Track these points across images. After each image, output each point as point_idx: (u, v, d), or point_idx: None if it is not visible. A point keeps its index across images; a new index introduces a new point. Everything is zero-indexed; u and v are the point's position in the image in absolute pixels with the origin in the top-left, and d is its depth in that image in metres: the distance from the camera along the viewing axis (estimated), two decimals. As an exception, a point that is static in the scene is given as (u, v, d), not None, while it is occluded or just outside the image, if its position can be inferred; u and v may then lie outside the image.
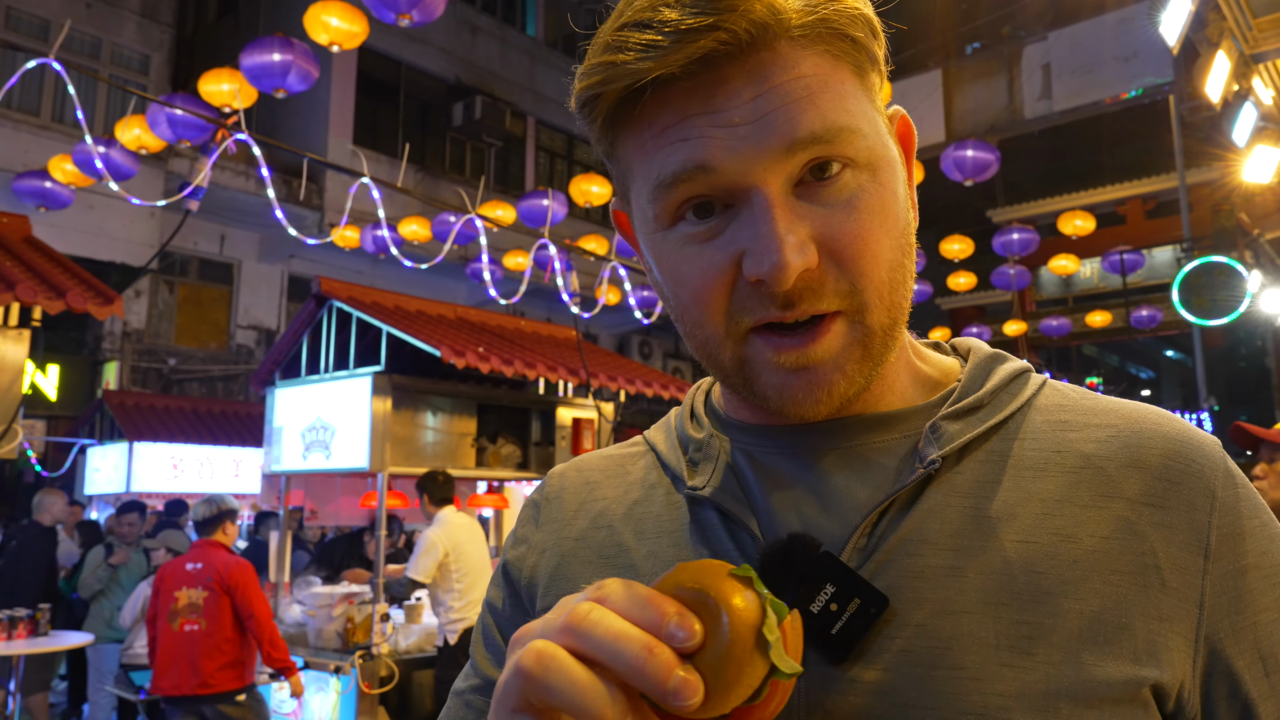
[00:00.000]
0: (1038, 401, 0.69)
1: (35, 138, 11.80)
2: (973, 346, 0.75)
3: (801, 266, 0.58)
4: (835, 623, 0.59)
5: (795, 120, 0.58)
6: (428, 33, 14.86)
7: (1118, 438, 0.65)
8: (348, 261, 13.57)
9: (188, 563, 4.96)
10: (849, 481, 0.66)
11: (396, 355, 6.18)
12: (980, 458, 0.65)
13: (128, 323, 12.86)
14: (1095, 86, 13.42)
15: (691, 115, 0.59)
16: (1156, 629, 0.58)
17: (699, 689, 0.46)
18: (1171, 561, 0.60)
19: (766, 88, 0.58)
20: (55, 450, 11.62)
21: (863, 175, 0.61)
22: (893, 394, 0.69)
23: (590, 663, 0.47)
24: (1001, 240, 12.04)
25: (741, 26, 0.57)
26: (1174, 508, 0.62)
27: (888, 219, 0.62)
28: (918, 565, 0.61)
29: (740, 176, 0.59)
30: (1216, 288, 11.17)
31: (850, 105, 0.61)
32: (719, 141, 0.59)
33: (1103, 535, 0.60)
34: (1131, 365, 33.42)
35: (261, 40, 6.05)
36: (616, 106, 0.62)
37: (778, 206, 0.59)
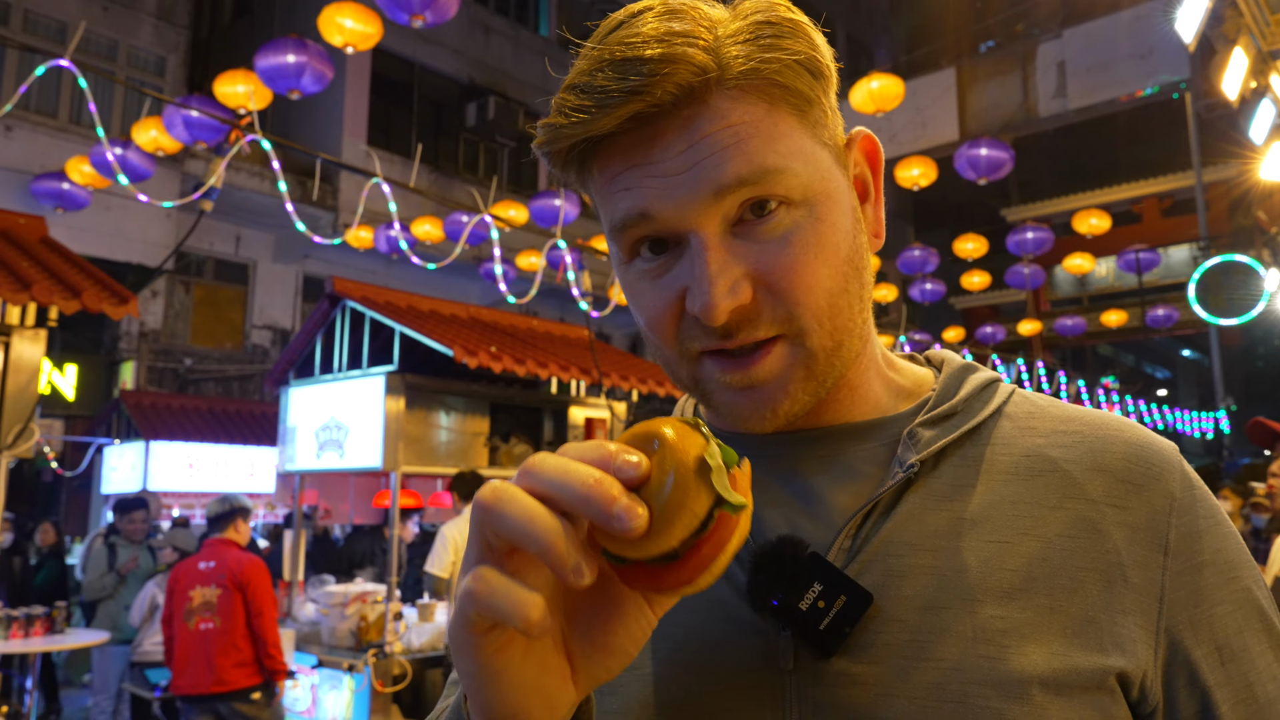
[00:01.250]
0: (1008, 409, 0.73)
1: (53, 140, 11.90)
2: (945, 358, 0.80)
3: (731, 305, 0.63)
4: (823, 619, 0.62)
5: (723, 167, 0.62)
6: (441, 34, 14.91)
7: (1083, 443, 0.69)
8: (362, 262, 13.63)
9: (200, 561, 5.00)
10: (831, 487, 0.70)
11: (409, 355, 6.20)
12: (955, 462, 0.69)
13: (144, 323, 12.96)
14: (1110, 84, 13.33)
15: (633, 165, 0.64)
16: (1120, 621, 0.63)
17: (643, 514, 0.49)
18: (1133, 559, 0.64)
19: (697, 139, 0.62)
20: (73, 450, 11.72)
21: (798, 212, 0.64)
22: (868, 404, 0.74)
23: (543, 500, 0.50)
24: (1016, 239, 11.99)
25: (666, 90, 0.61)
26: (1135, 508, 0.66)
27: (825, 250, 0.65)
28: (899, 565, 0.65)
29: (677, 222, 0.64)
30: (1234, 286, 11.09)
31: (782, 146, 0.64)
32: (656, 191, 0.63)
33: (1069, 534, 0.65)
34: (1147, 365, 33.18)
35: (276, 42, 6.09)
36: (569, 157, 0.67)
37: (711, 249, 0.63)
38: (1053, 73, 13.77)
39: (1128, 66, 13.10)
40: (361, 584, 6.44)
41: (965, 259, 12.12)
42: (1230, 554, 0.67)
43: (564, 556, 0.48)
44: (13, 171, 11.35)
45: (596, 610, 0.56)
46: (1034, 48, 14.16)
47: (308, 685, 5.99)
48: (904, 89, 7.41)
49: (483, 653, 0.51)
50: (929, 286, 12.92)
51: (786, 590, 0.63)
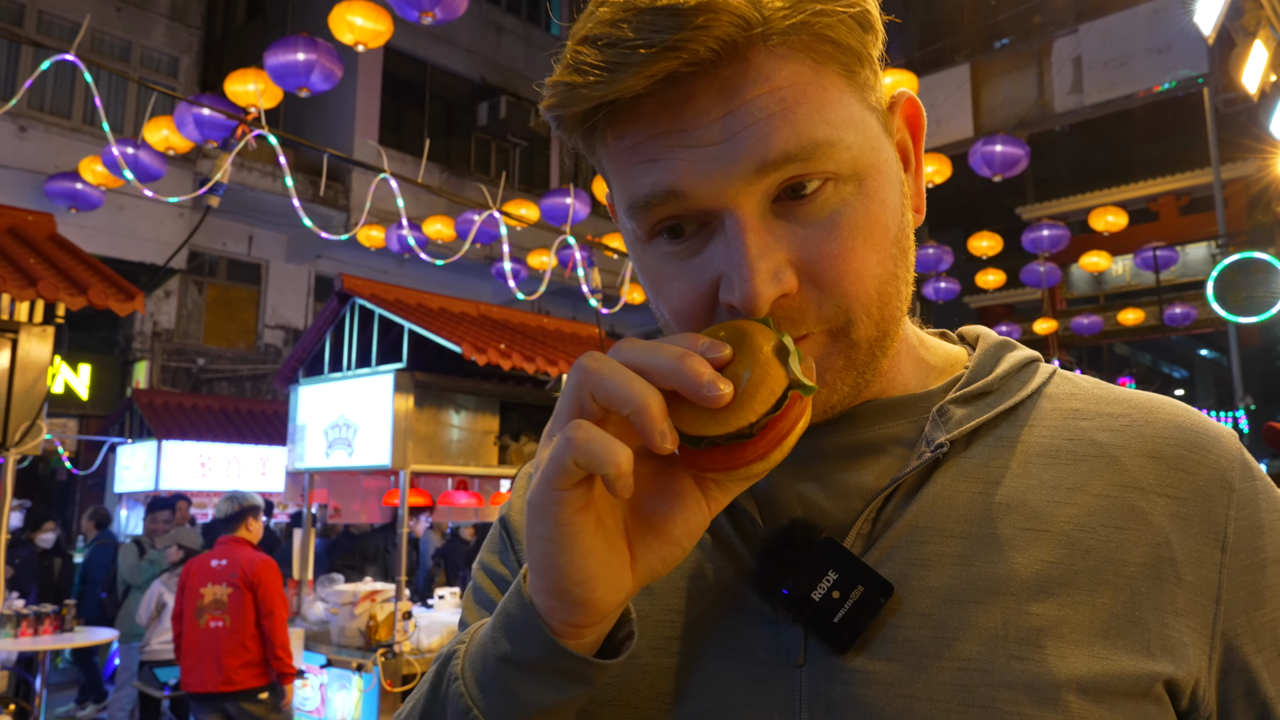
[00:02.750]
0: (1048, 390, 0.67)
1: (67, 140, 11.96)
2: (981, 334, 0.74)
3: (776, 294, 0.56)
4: (838, 611, 0.57)
5: (768, 139, 0.54)
6: (453, 33, 14.92)
7: (1131, 427, 0.63)
8: (374, 261, 13.64)
9: (213, 559, 4.99)
10: (853, 467, 0.64)
11: (419, 353, 6.18)
12: (989, 443, 0.63)
13: (157, 323, 13.01)
14: (1127, 80, 13.18)
15: (660, 134, 0.56)
16: (1171, 623, 0.57)
17: (729, 386, 0.50)
18: (1187, 554, 0.58)
19: (737, 104, 0.54)
20: (86, 449, 11.77)
21: (846, 188, 0.58)
22: (896, 382, 0.68)
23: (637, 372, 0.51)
24: (1031, 237, 11.87)
25: (705, 46, 0.53)
26: (1190, 499, 0.60)
27: (874, 232, 0.59)
28: (924, 552, 0.59)
29: (711, 200, 0.56)
30: (1253, 284, 10.96)
31: (832, 115, 0.56)
32: (687, 164, 0.55)
33: (1115, 524, 0.59)
34: (1165, 364, 32.93)
35: (286, 40, 6.08)
36: (584, 121, 0.58)
37: (751, 230, 0.56)
38: (1069, 68, 13.64)
39: (1145, 61, 12.95)
40: (371, 583, 6.42)
41: (980, 257, 12.01)
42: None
43: (656, 419, 0.49)
44: (27, 172, 11.41)
45: (659, 499, 0.55)
46: (1049, 43, 14.02)
47: (316, 685, 5.97)
48: (918, 85, 7.34)
49: (565, 510, 0.50)
50: (943, 285, 12.81)
51: (798, 579, 0.58)
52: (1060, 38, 13.89)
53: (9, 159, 11.43)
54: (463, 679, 0.57)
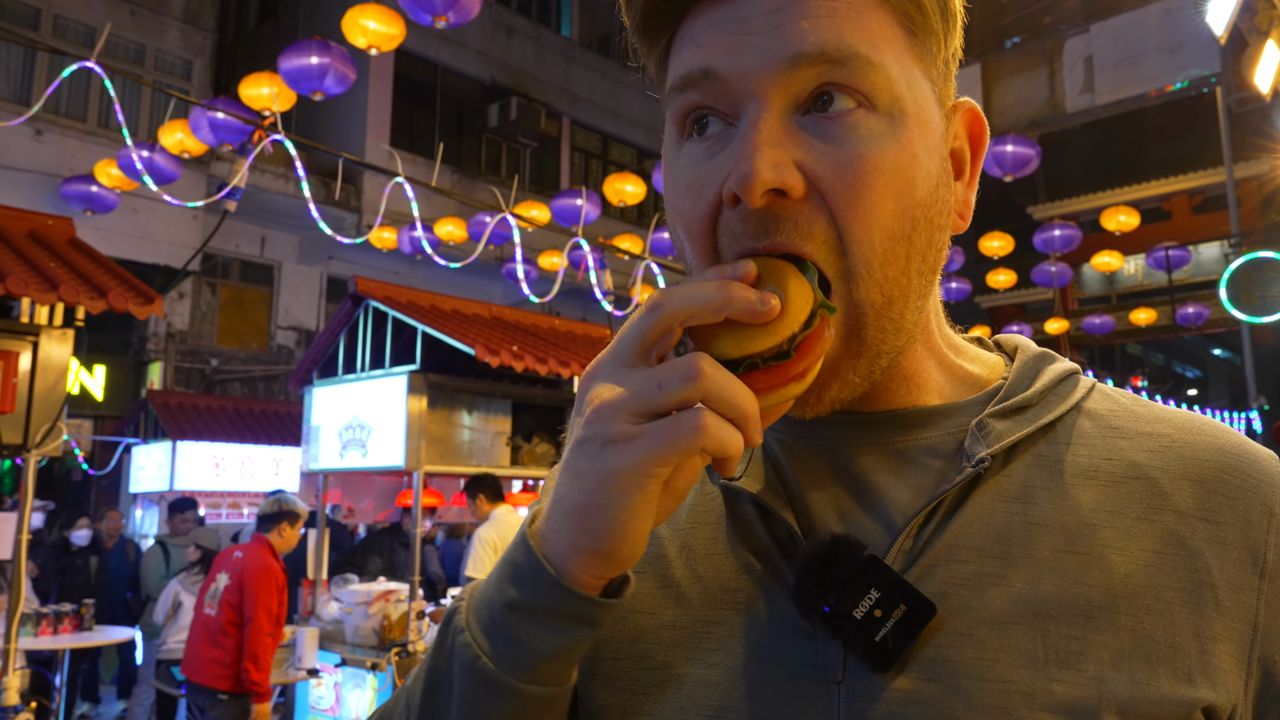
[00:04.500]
0: (1087, 405, 0.66)
1: (82, 143, 12.06)
2: (1019, 344, 0.72)
3: (773, 182, 0.55)
4: (879, 629, 0.57)
5: (807, 34, 0.55)
6: (464, 34, 14.96)
7: (1171, 448, 0.62)
8: (385, 262, 13.70)
9: (236, 550, 5.04)
10: (890, 480, 0.63)
11: (432, 354, 6.22)
12: (1028, 460, 0.62)
13: (171, 324, 13.10)
14: (1139, 79, 13.14)
15: (713, 22, 0.58)
16: (1209, 649, 0.56)
17: (776, 298, 0.53)
18: (1226, 579, 0.58)
19: (790, 2, 0.56)
20: (102, 449, 11.86)
21: (878, 122, 0.57)
22: (931, 389, 0.66)
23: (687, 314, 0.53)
24: (1043, 237, 11.84)
25: None
26: (1229, 523, 0.59)
27: (897, 180, 0.57)
28: (964, 572, 0.58)
29: (740, 83, 0.56)
30: (1266, 284, 10.90)
31: (881, 43, 0.57)
32: (726, 46, 0.57)
33: (1154, 549, 0.58)
34: (1177, 364, 32.74)
35: (299, 44, 6.13)
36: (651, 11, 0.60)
37: (767, 118, 0.56)
38: (1080, 68, 13.60)
39: (1157, 61, 12.91)
40: (385, 583, 6.46)
41: (991, 257, 11.99)
42: None
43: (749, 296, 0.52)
44: (43, 174, 11.51)
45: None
46: (1061, 43, 13.98)
47: (331, 684, 6.02)
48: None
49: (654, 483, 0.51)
50: (954, 285, 12.79)
51: (839, 596, 0.57)
52: (1072, 37, 13.86)
53: (25, 162, 11.53)
54: (469, 630, 0.57)
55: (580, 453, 0.53)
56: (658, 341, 0.53)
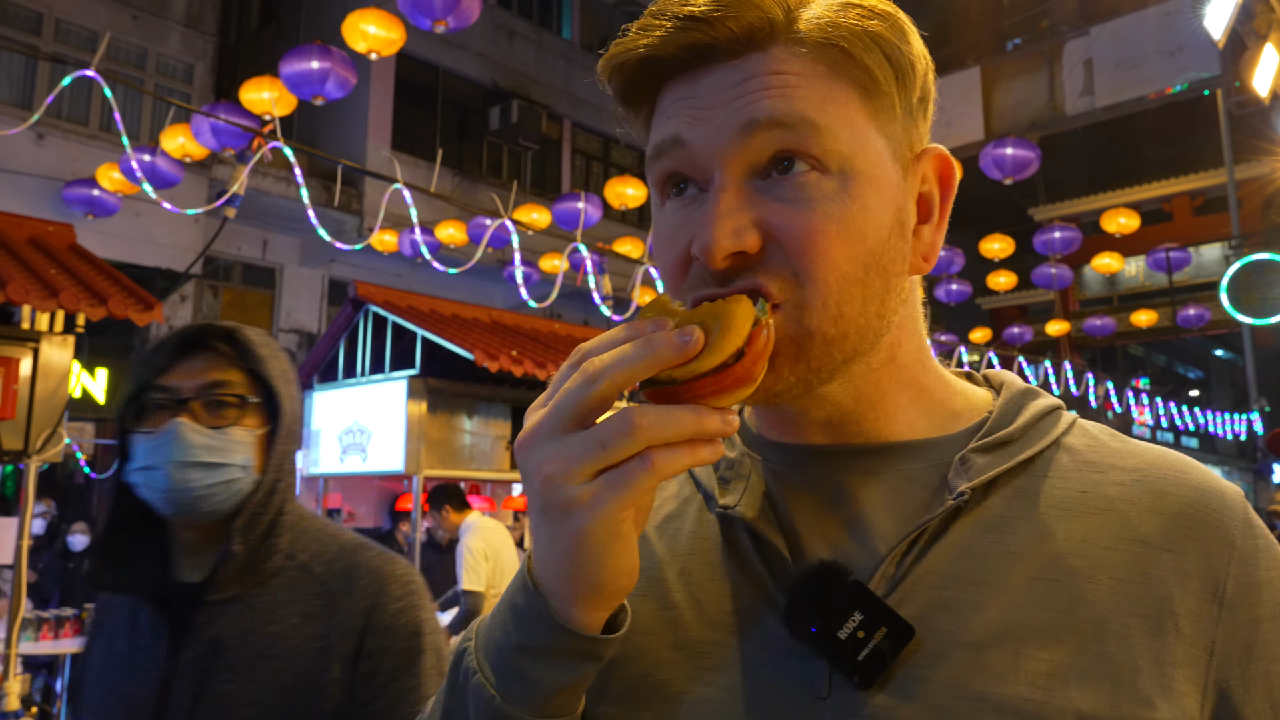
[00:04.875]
0: (1066, 440, 0.70)
1: (84, 147, 12.09)
2: (1005, 380, 0.76)
3: (733, 248, 0.61)
4: (861, 650, 0.61)
5: (760, 103, 0.61)
6: (465, 38, 14.99)
7: (1141, 482, 0.66)
8: (387, 265, 13.72)
9: None
10: (876, 510, 0.67)
11: (432, 359, 6.24)
12: (1008, 494, 0.66)
13: (174, 327, 13.12)
14: (1139, 82, 13.15)
15: (681, 98, 0.64)
16: (1169, 673, 0.59)
17: (698, 330, 0.54)
18: (1186, 607, 0.61)
19: (746, 78, 0.62)
20: (104, 452, 11.89)
21: (829, 182, 0.62)
22: (914, 426, 0.70)
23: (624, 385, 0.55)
24: (1043, 239, 11.85)
25: (727, 27, 0.61)
26: (1191, 554, 0.63)
27: (848, 230, 0.62)
28: (944, 597, 0.62)
29: (704, 152, 0.63)
30: (1267, 285, 10.90)
31: (831, 109, 0.62)
32: (691, 118, 0.63)
33: (1121, 578, 0.61)
34: (1180, 365, 32.70)
35: (300, 49, 6.15)
36: (629, 87, 0.67)
37: (727, 189, 0.62)
38: (1080, 70, 13.60)
39: (1156, 63, 12.91)
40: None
41: (991, 259, 12.00)
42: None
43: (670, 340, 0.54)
44: (45, 178, 11.54)
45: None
46: (1060, 45, 13.99)
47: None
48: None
49: (627, 522, 0.56)
50: (954, 287, 12.81)
51: (826, 618, 0.61)
52: (1071, 40, 13.86)
53: (27, 166, 11.57)
54: (480, 671, 0.61)
55: (548, 521, 0.56)
56: (595, 411, 0.55)
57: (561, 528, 0.55)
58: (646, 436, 0.53)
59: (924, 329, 0.74)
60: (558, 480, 0.54)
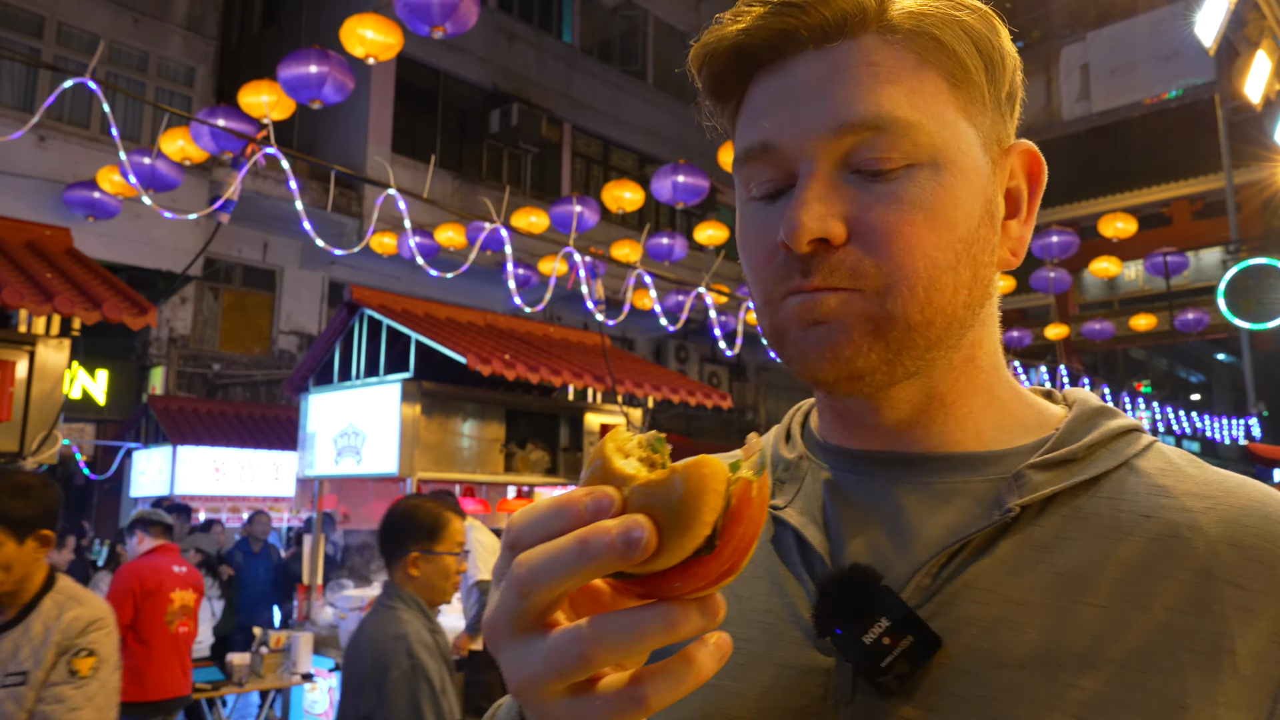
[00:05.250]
0: (1139, 463, 0.66)
1: (85, 150, 12.16)
2: (1080, 398, 0.73)
3: (817, 232, 0.60)
4: (885, 656, 0.59)
5: (851, 104, 0.61)
6: (465, 41, 15.04)
7: (1214, 510, 0.62)
8: (387, 267, 13.77)
9: (174, 565, 5.06)
10: (925, 520, 0.65)
11: (427, 362, 6.27)
12: (1065, 513, 0.63)
13: (174, 329, 13.19)
14: (1134, 87, 13.17)
15: (772, 91, 0.64)
16: (1220, 714, 0.55)
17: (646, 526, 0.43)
18: (1249, 647, 0.56)
19: (836, 70, 0.62)
20: (104, 453, 11.95)
21: (920, 172, 0.62)
22: (966, 431, 0.69)
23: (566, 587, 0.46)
24: (1041, 243, 11.86)
25: (820, 15, 0.62)
26: (1261, 591, 0.58)
27: (937, 217, 0.62)
28: (978, 613, 0.60)
29: (794, 150, 0.63)
30: (1264, 290, 10.91)
31: (921, 102, 0.62)
32: (782, 118, 0.63)
33: (1176, 609, 0.57)
34: (1181, 369, 32.65)
35: (299, 53, 6.20)
36: (719, 79, 0.67)
37: (815, 177, 0.62)
38: (1076, 75, 13.63)
39: (1152, 69, 12.94)
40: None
41: (989, 263, 12.02)
42: None
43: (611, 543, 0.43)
44: (46, 181, 11.61)
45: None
46: (1057, 50, 14.01)
47: (325, 689, 6.07)
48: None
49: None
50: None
51: (852, 621, 0.60)
52: (1068, 45, 13.89)
53: (28, 168, 11.64)
54: None
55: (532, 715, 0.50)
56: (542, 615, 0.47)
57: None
58: (604, 660, 0.45)
59: (999, 336, 0.72)
60: (527, 695, 0.48)
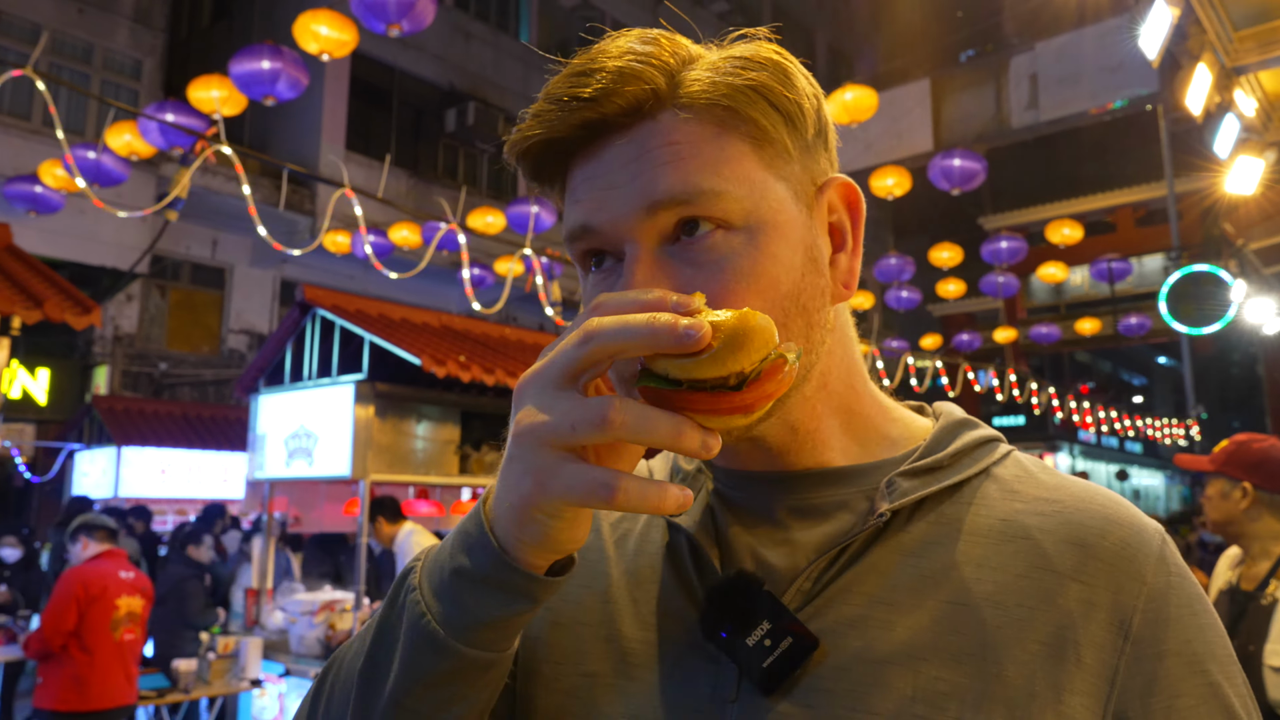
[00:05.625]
0: (996, 471, 0.72)
1: (26, 143, 11.83)
2: (945, 410, 0.79)
3: None
4: (767, 657, 0.63)
5: (656, 182, 0.63)
6: (421, 39, 14.91)
7: (1061, 514, 0.68)
8: (340, 266, 13.58)
9: (120, 570, 4.95)
10: (804, 528, 0.70)
11: (381, 363, 6.20)
12: (931, 519, 0.68)
13: (119, 327, 12.88)
14: (1080, 97, 13.50)
15: (586, 178, 0.67)
16: (1066, 700, 0.61)
17: (707, 329, 0.52)
18: (1090, 638, 0.63)
19: (640, 153, 0.64)
20: (44, 454, 11.63)
21: (736, 238, 0.64)
22: (848, 450, 0.73)
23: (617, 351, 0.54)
24: (990, 248, 12.09)
25: (614, 103, 0.64)
26: (1101, 586, 0.64)
27: (760, 281, 0.64)
28: (852, 613, 0.65)
29: (614, 231, 0.65)
30: (1203, 297, 11.21)
31: (726, 170, 0.64)
32: (597, 202, 0.66)
33: (1029, 605, 0.63)
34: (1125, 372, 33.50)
35: (251, 48, 6.08)
36: (540, 165, 0.69)
37: (640, 263, 0.64)
38: (1025, 85, 13.92)
39: (1097, 80, 13.28)
40: (330, 592, 6.43)
41: (941, 267, 12.22)
42: (1201, 647, 0.65)
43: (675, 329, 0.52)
44: (-15, 174, 11.27)
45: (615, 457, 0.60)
46: (1007, 60, 14.31)
47: (275, 694, 5.97)
48: (877, 100, 7.47)
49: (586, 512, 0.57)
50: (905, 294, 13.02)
51: (736, 625, 0.64)
52: (1017, 55, 14.19)
53: (-33, 161, 11.29)
54: (419, 589, 0.62)
55: (509, 469, 0.56)
56: (585, 372, 0.55)
57: (518, 483, 0.56)
58: (616, 433, 0.52)
59: (857, 354, 0.76)
60: (528, 439, 0.54)
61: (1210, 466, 2.93)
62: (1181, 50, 7.11)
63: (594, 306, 0.56)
